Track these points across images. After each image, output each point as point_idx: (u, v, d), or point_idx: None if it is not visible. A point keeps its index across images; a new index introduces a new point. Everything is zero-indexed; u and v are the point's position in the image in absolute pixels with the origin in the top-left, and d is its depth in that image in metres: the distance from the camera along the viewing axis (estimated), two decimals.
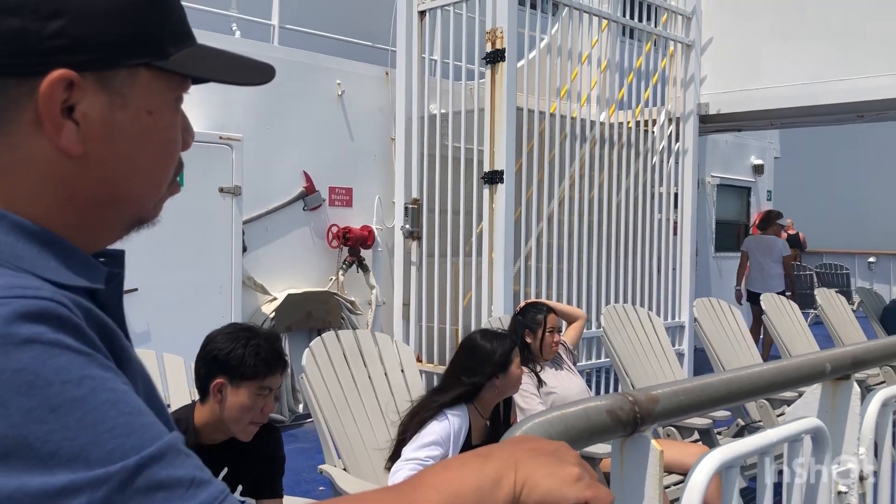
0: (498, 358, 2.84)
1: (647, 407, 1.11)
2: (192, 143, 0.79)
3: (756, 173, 11.60)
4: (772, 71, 6.76)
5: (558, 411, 0.99)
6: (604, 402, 1.07)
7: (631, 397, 1.10)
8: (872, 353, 1.81)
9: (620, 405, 1.08)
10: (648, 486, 1.14)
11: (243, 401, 2.14)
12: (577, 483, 0.67)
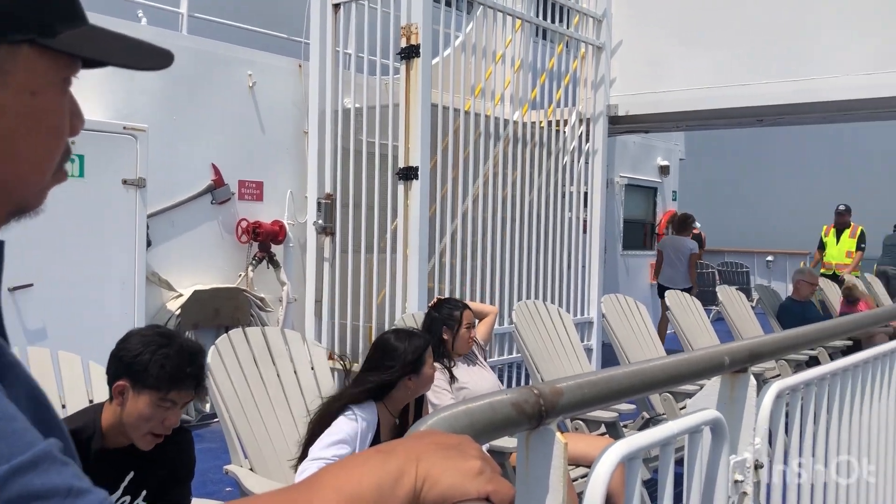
0: (411, 358, 2.82)
1: (551, 400, 1.12)
2: (81, 129, 0.74)
3: (662, 174, 11.97)
4: (678, 75, 6.98)
5: (464, 405, 0.99)
6: (509, 395, 1.06)
7: (536, 390, 1.10)
8: (768, 346, 1.88)
9: (526, 398, 1.08)
10: (553, 478, 1.14)
11: (142, 409, 2.02)
12: (479, 477, 0.66)
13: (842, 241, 10.91)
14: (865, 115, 7.18)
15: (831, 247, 10.99)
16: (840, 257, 10.84)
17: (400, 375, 2.80)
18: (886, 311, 3.03)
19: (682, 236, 9.56)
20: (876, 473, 2.74)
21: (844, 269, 10.62)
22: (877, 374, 2.68)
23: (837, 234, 10.98)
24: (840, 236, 10.94)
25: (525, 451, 1.17)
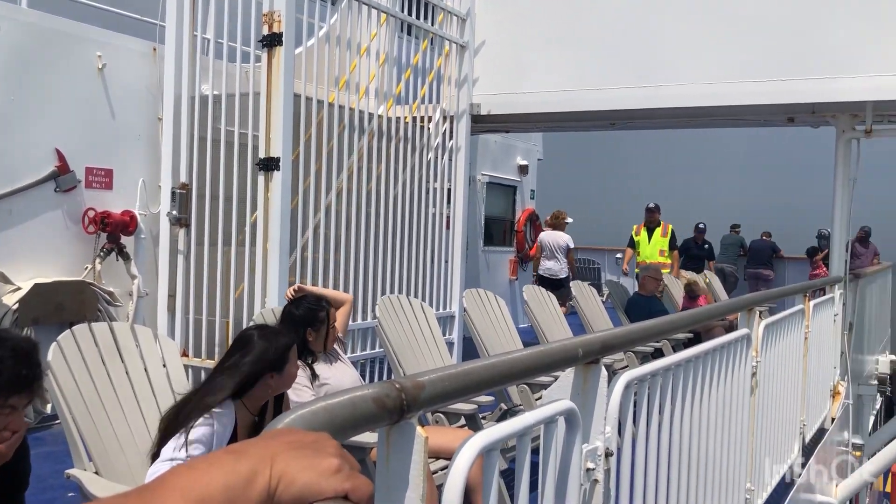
0: (275, 356, 2.76)
1: (413, 394, 1.12)
2: None
3: (521, 173, 12.31)
4: (538, 77, 7.19)
5: (323, 402, 0.97)
6: (370, 390, 1.06)
7: (398, 385, 1.10)
8: (619, 338, 1.97)
9: (387, 393, 1.08)
10: (413, 473, 1.15)
11: None
12: (336, 475, 0.65)
13: (653, 239, 10.83)
14: (707, 122, 7.69)
15: (644, 245, 10.91)
16: (654, 255, 10.69)
17: (262, 373, 2.73)
18: (723, 305, 3.26)
19: (557, 231, 11.07)
20: (715, 456, 2.94)
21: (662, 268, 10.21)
22: (715, 363, 2.88)
23: (649, 233, 10.89)
24: (651, 235, 10.86)
25: (386, 445, 1.16)
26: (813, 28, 6.26)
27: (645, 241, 10.83)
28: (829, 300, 6.10)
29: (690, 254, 13.56)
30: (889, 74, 5.98)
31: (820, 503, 5.36)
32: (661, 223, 10.89)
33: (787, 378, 4.35)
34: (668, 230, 10.82)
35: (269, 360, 2.72)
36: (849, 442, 6.65)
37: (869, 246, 13.66)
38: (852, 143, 6.68)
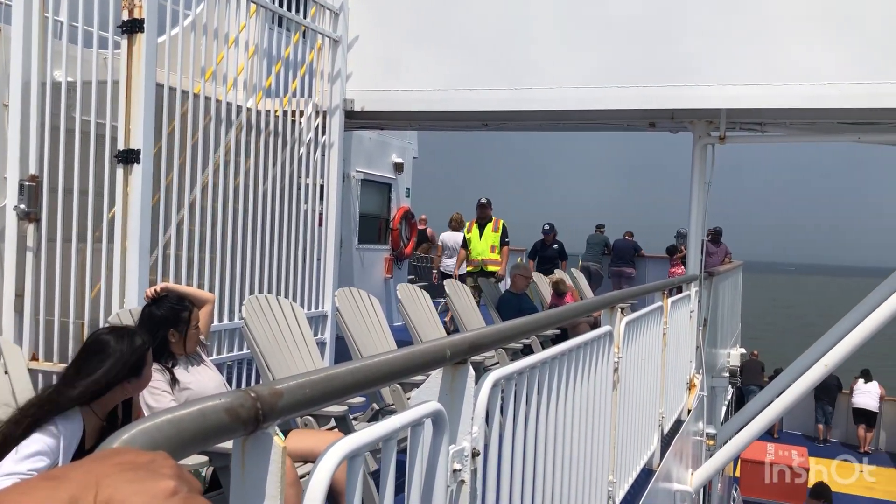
0: (130, 360, 2.60)
1: (270, 402, 1.06)
2: None
3: (397, 171, 12.30)
4: (411, 74, 7.19)
5: (168, 414, 0.90)
6: (223, 400, 0.99)
7: (253, 393, 1.04)
8: (486, 338, 1.97)
9: (241, 402, 1.02)
10: (270, 485, 1.09)
11: None
12: (171, 498, 0.59)
13: (485, 235, 10.51)
14: (574, 125, 7.93)
15: (475, 242, 10.54)
16: (485, 252, 10.41)
17: (118, 380, 2.57)
18: (587, 303, 3.35)
19: (458, 232, 11.89)
20: (579, 450, 3.02)
21: (493, 264, 10.31)
22: (580, 360, 2.95)
23: (480, 229, 10.57)
24: (483, 231, 10.54)
25: (241, 457, 1.10)
26: (672, 38, 6.57)
27: (476, 237, 10.52)
28: (686, 297, 6.43)
29: (539, 255, 13.54)
30: (741, 84, 6.36)
31: (677, 491, 5.64)
32: (493, 219, 10.63)
33: (646, 372, 4.54)
34: (500, 226, 10.56)
35: (124, 365, 2.56)
36: (703, 432, 7.03)
37: (720, 245, 14.53)
38: (707, 149, 7.07)
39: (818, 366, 6.58)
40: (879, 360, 37.05)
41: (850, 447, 18.17)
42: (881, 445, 18.29)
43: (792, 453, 14.01)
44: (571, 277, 11.79)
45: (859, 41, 6.07)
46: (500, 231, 10.50)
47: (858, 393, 18.11)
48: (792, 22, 6.28)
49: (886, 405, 18.22)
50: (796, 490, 12.12)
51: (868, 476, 16.21)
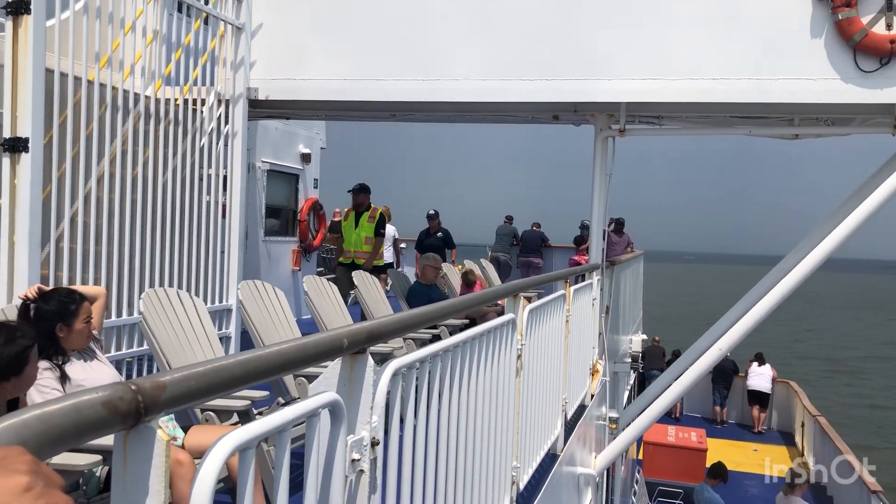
0: (12, 357, 2.48)
1: (152, 395, 1.03)
2: None
3: (304, 162, 12.14)
4: (317, 63, 7.10)
5: (38, 409, 0.86)
6: (100, 393, 0.96)
7: (134, 386, 1.01)
8: (385, 327, 1.97)
9: (121, 395, 0.99)
10: (153, 480, 1.06)
11: None
12: (25, 494, 0.57)
13: (360, 225, 9.39)
14: (481, 117, 8.01)
15: (349, 231, 9.43)
16: (360, 244, 9.36)
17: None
18: (489, 292, 3.40)
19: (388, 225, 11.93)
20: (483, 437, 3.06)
21: (364, 257, 9.27)
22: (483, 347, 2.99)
23: (356, 218, 9.42)
24: (359, 220, 9.40)
25: (122, 452, 1.07)
26: (574, 32, 6.72)
27: (351, 226, 9.41)
28: (589, 286, 6.60)
29: (424, 244, 12.89)
30: (640, 78, 6.56)
31: (580, 474, 5.80)
32: (371, 206, 9.52)
33: (550, 359, 4.64)
34: (377, 214, 9.45)
35: (6, 362, 2.45)
36: (606, 416, 7.25)
37: (623, 235, 14.97)
38: (608, 141, 7.26)
39: (713, 350, 6.88)
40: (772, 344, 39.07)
41: (745, 427, 19.09)
42: (773, 425, 19.28)
43: (691, 435, 14.61)
44: (480, 268, 11.92)
45: (747, 39, 6.36)
46: (376, 220, 9.40)
47: (753, 376, 19.01)
48: (686, 19, 6.51)
49: (778, 387, 19.20)
50: (695, 469, 12.65)
51: (762, 454, 17.08)
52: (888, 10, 6.06)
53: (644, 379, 16.74)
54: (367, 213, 9.41)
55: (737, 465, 15.51)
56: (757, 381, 18.88)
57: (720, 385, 19.22)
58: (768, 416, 19.14)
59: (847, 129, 7.22)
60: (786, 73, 6.24)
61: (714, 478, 10.74)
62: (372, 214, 9.40)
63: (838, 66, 6.15)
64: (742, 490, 14.04)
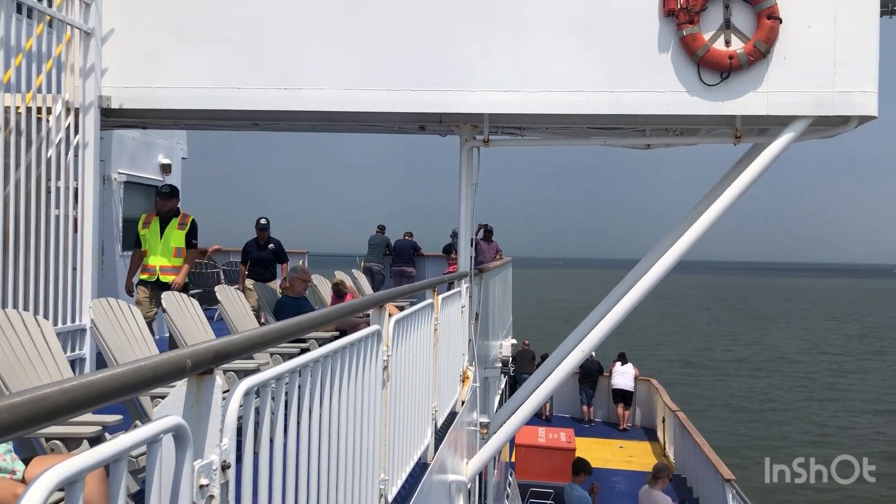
0: None
1: None
2: None
3: (164, 172, 11.66)
4: (175, 71, 6.84)
5: None
6: None
7: None
8: (235, 345, 1.90)
9: None
10: None
11: None
12: None
13: (168, 233, 7.90)
14: (347, 127, 7.95)
15: (153, 240, 7.88)
16: (167, 255, 7.86)
17: None
18: (354, 304, 3.36)
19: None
20: (348, 452, 3.01)
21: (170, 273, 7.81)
22: (346, 361, 2.95)
23: (162, 225, 7.93)
24: (165, 228, 7.91)
25: None
26: (438, 43, 6.80)
27: (155, 234, 7.90)
28: (457, 294, 6.67)
29: (252, 257, 11.33)
30: (502, 90, 6.71)
31: (452, 482, 5.84)
32: (181, 213, 8.06)
33: (418, 368, 4.65)
34: (189, 222, 7.99)
35: None
36: (477, 421, 7.34)
37: (492, 243, 15.27)
38: (473, 151, 7.38)
39: (576, 351, 7.12)
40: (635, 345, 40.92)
41: (611, 425, 19.87)
42: (637, 422, 20.17)
43: (560, 435, 15.05)
44: (352, 278, 11.83)
45: (602, 53, 6.64)
46: (187, 227, 7.96)
47: (616, 375, 19.83)
48: (545, 33, 6.73)
49: (640, 385, 20.11)
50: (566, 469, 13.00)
51: (626, 450, 17.83)
52: (727, 27, 6.49)
53: (515, 382, 17.11)
54: (176, 219, 7.98)
55: (604, 463, 16.12)
56: (620, 380, 19.69)
57: (586, 385, 19.93)
58: (632, 414, 20.01)
59: (694, 138, 7.67)
60: (637, 87, 6.56)
61: (578, 474, 11.10)
62: (183, 221, 8.00)
63: (684, 79, 6.52)
64: (609, 486, 14.59)
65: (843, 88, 6.40)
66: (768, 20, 6.37)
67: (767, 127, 6.91)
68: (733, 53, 6.41)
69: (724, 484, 12.12)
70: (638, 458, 16.87)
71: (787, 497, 19.25)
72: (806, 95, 6.45)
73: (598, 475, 13.34)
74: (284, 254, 11.76)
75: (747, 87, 6.48)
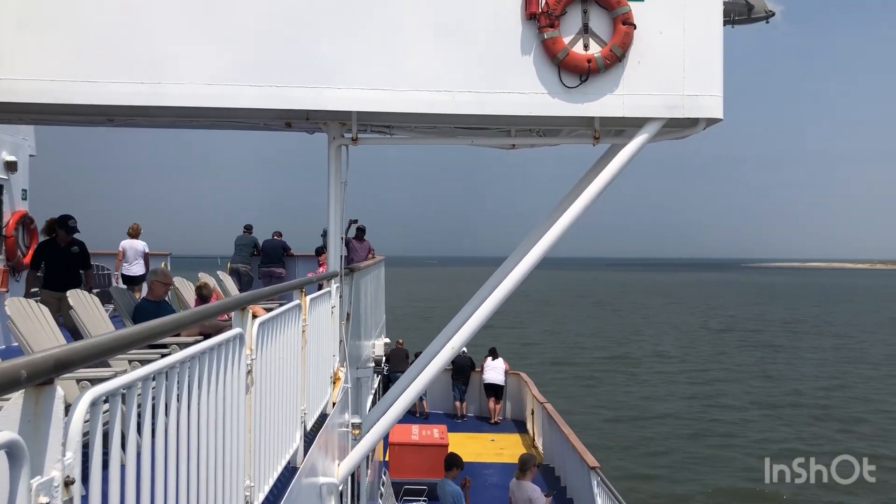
0: None
1: None
2: None
3: (9, 171, 10.88)
4: (18, 61, 6.37)
5: None
6: None
7: None
8: (78, 353, 1.79)
9: None
10: None
11: None
12: None
13: None
14: (210, 123, 7.68)
15: None
16: None
17: None
18: (212, 306, 3.24)
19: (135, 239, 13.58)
20: (210, 460, 2.91)
21: None
22: (204, 367, 2.85)
23: None
24: None
25: None
26: (307, 40, 6.67)
27: None
28: (327, 294, 6.59)
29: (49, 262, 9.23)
30: (369, 88, 6.67)
31: (322, 484, 5.76)
32: None
33: (286, 371, 4.55)
34: None
35: None
36: (349, 422, 7.28)
37: (364, 242, 15.20)
38: (342, 149, 7.31)
39: (446, 348, 7.19)
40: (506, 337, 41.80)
41: (483, 419, 20.25)
42: (508, 415, 20.64)
43: (433, 431, 15.19)
44: (218, 280, 11.45)
45: (467, 54, 6.73)
46: None
47: (487, 369, 20.22)
48: (415, 32, 6.75)
49: (511, 378, 20.60)
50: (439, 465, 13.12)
51: (498, 443, 18.22)
52: (585, 32, 6.73)
53: (389, 381, 17.11)
54: None
55: (476, 456, 16.41)
56: (491, 375, 20.09)
57: (459, 381, 20.21)
58: (503, 407, 20.46)
59: (557, 139, 7.92)
60: (501, 88, 6.69)
61: (450, 469, 11.24)
62: None
63: (546, 81, 6.71)
64: (482, 479, 14.86)
65: (692, 92, 6.78)
66: (623, 26, 6.66)
67: (624, 128, 7.22)
68: (591, 57, 6.66)
69: (589, 472, 12.60)
70: (508, 451, 17.27)
71: (642, 487, 20.32)
72: (659, 98, 6.79)
73: (471, 469, 13.55)
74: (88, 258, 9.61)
75: (605, 89, 6.75)
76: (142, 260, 13.62)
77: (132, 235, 13.80)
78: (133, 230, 13.78)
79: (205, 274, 11.02)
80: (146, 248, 13.80)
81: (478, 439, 18.46)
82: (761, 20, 7.83)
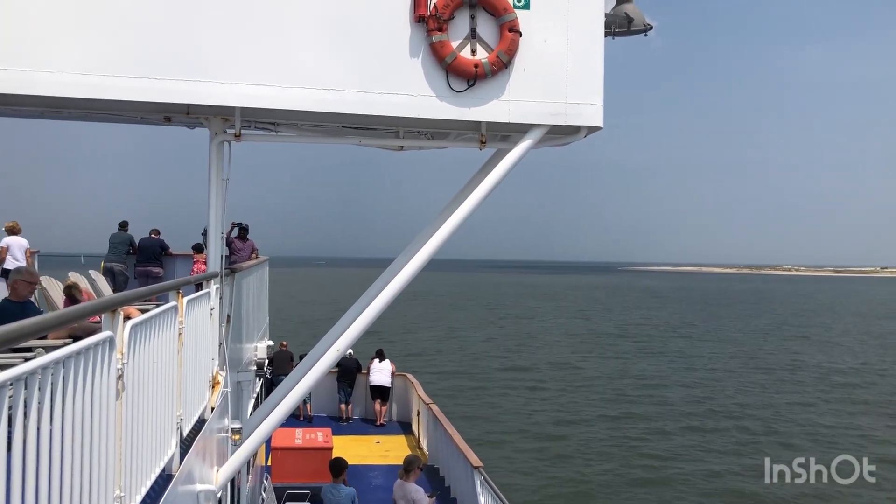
0: None
1: None
2: None
3: None
4: None
5: None
6: None
7: None
8: None
9: None
10: None
11: None
12: None
13: None
14: (82, 115, 7.27)
15: None
16: None
17: None
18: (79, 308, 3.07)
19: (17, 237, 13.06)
20: (74, 471, 2.75)
21: None
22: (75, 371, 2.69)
23: None
24: None
25: None
26: (187, 30, 6.44)
27: None
28: (206, 295, 6.38)
29: None
30: (254, 84, 6.51)
31: (200, 491, 5.56)
32: None
33: (160, 376, 4.37)
34: None
35: None
36: (228, 427, 7.07)
37: (248, 241, 14.81)
38: (224, 146, 7.09)
39: (331, 350, 7.10)
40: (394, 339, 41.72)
41: (368, 422, 20.14)
42: (394, 416, 20.62)
43: (318, 435, 14.97)
44: (90, 280, 10.88)
45: (355, 53, 6.68)
46: None
47: (374, 371, 20.12)
48: (301, 28, 6.63)
49: (397, 380, 20.58)
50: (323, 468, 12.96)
51: (383, 445, 18.17)
52: (472, 37, 6.82)
53: (272, 385, 16.76)
54: None
55: (361, 459, 16.30)
56: (377, 377, 20.01)
57: (345, 384, 20.02)
58: (389, 409, 20.42)
59: (445, 142, 7.97)
60: (389, 88, 6.68)
61: (339, 474, 11.12)
62: None
63: (434, 84, 6.75)
64: (367, 482, 14.78)
65: (573, 100, 6.98)
66: (510, 33, 6.79)
67: (509, 133, 7.35)
68: (478, 62, 6.75)
69: (472, 471, 12.74)
70: (394, 452, 17.24)
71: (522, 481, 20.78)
72: (542, 105, 6.95)
73: (356, 472, 13.44)
74: None
75: (491, 95, 6.86)
76: (23, 256, 13.24)
77: (12, 232, 13.43)
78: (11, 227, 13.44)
79: (75, 273, 10.44)
80: (28, 245, 13.44)
81: (363, 442, 18.35)
82: (640, 32, 8.15)
